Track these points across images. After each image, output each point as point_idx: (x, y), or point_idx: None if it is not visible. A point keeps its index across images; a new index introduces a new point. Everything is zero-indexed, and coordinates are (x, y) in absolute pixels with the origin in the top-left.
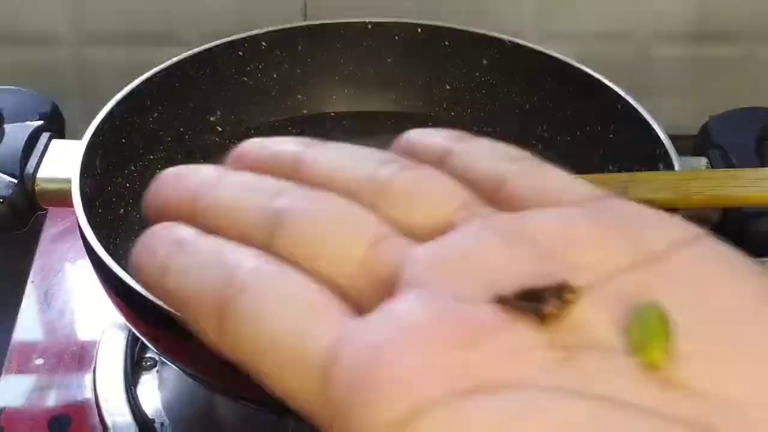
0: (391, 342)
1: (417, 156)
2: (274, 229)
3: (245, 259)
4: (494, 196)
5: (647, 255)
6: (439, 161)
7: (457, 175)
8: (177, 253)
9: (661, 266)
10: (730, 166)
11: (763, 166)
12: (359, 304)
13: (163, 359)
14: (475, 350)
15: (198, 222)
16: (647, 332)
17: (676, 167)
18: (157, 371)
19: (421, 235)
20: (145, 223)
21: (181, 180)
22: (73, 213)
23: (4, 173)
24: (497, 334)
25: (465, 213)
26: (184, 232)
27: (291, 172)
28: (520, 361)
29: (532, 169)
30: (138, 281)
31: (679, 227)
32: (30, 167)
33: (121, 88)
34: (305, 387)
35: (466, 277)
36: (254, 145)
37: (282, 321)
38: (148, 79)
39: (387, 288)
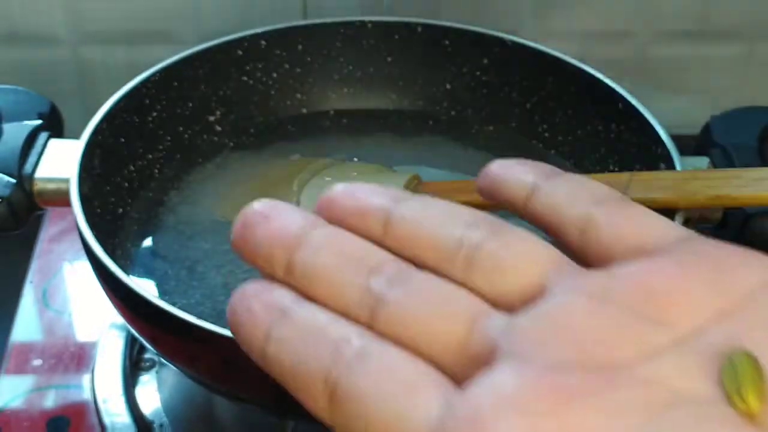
0: (489, 412)
1: (503, 194)
2: (374, 310)
3: (351, 337)
4: (580, 239)
5: (733, 301)
6: (525, 199)
7: (542, 214)
8: (280, 321)
9: (748, 311)
10: (732, 165)
11: (764, 165)
12: (458, 376)
13: (162, 360)
14: (570, 414)
15: (294, 282)
16: (740, 380)
17: (677, 167)
18: (156, 372)
19: (513, 302)
20: (144, 224)
21: (271, 222)
22: (72, 213)
23: (2, 173)
24: (591, 399)
25: (555, 276)
26: (286, 298)
27: (380, 234)
28: (616, 421)
29: (618, 211)
30: (236, 340)
31: (762, 266)
32: (28, 167)
33: (120, 88)
34: None
35: (558, 345)
36: (343, 194)
37: (390, 400)
38: (147, 79)
39: (485, 360)
